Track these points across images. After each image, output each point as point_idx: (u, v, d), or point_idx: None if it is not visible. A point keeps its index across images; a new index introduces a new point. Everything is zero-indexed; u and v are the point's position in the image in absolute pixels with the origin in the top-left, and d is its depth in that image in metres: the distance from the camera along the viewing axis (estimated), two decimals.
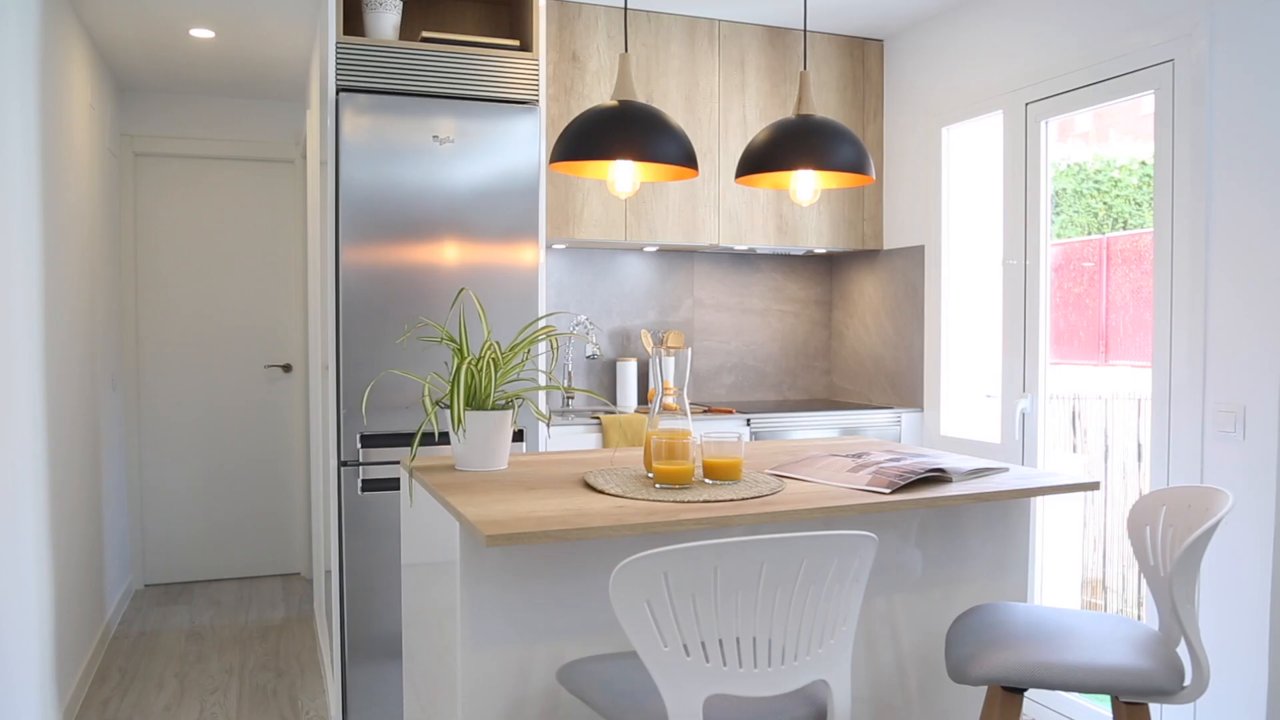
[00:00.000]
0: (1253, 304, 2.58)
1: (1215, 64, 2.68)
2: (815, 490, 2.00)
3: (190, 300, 5.06)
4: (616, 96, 2.18)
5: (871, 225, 4.08)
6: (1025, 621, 1.94)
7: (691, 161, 2.17)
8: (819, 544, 1.45)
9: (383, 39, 3.16)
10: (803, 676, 1.51)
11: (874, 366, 4.18)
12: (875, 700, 2.27)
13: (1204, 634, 2.70)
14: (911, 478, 2.01)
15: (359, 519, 3.12)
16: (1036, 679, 1.72)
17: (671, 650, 1.44)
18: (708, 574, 1.42)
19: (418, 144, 3.14)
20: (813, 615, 1.50)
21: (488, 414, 2.19)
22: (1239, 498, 2.62)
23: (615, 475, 2.12)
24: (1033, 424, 3.35)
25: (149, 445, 4.99)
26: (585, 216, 3.63)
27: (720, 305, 4.24)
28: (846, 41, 4.02)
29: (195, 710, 3.40)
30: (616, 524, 1.69)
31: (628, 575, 1.41)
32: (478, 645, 1.85)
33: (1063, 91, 3.19)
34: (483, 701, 1.86)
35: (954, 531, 2.29)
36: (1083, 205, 3.66)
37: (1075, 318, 3.65)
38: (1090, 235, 3.64)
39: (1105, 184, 3.62)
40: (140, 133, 4.90)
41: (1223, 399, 2.67)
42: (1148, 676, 1.69)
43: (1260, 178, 2.56)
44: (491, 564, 1.85)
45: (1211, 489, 1.87)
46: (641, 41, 3.70)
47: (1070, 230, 3.69)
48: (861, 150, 2.29)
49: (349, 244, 3.08)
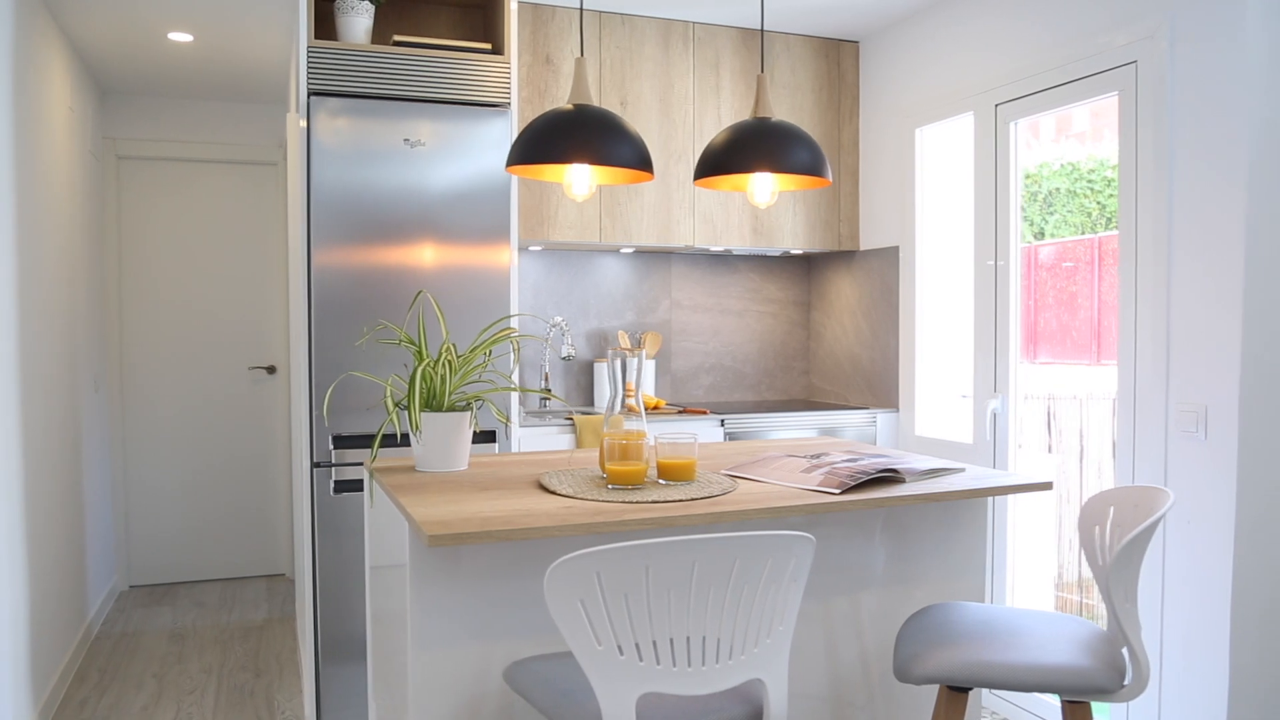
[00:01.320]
0: (1213, 305, 2.60)
1: (1175, 65, 2.69)
2: (766, 490, 2.02)
3: (175, 302, 5.08)
4: (572, 100, 2.19)
5: (848, 226, 4.10)
6: (974, 621, 1.95)
7: (646, 165, 2.19)
8: (751, 544, 1.47)
9: (354, 43, 3.18)
10: (738, 675, 1.53)
11: (851, 367, 4.19)
12: (836, 698, 2.29)
13: (1169, 630, 2.72)
14: (863, 478, 2.02)
15: (332, 520, 3.14)
16: (978, 678, 1.74)
17: (606, 649, 1.46)
18: (639, 574, 1.44)
19: (389, 147, 3.15)
20: (747, 615, 1.52)
21: (445, 415, 2.21)
22: (1201, 497, 2.63)
23: (570, 476, 2.14)
24: (1003, 424, 3.36)
25: (134, 447, 5.01)
26: (559, 219, 3.65)
27: (698, 306, 4.26)
28: (822, 43, 4.04)
29: (172, 710, 3.42)
30: (561, 524, 1.71)
31: (561, 575, 1.43)
32: (428, 645, 1.87)
33: (1031, 93, 3.20)
34: (433, 701, 1.88)
35: (915, 531, 2.30)
36: (1076, 205, 3.67)
37: (1068, 317, 3.66)
38: (1084, 235, 3.65)
39: (1099, 183, 3.63)
40: (123, 136, 4.93)
41: (1185, 399, 2.69)
42: (1087, 675, 1.70)
43: (1218, 179, 2.58)
44: (441, 564, 1.86)
45: (1156, 489, 1.89)
46: (615, 44, 3.71)
47: (1064, 230, 3.70)
48: (817, 153, 2.31)
49: (321, 246, 3.10)
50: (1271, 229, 2.52)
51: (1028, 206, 3.87)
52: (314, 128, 3.08)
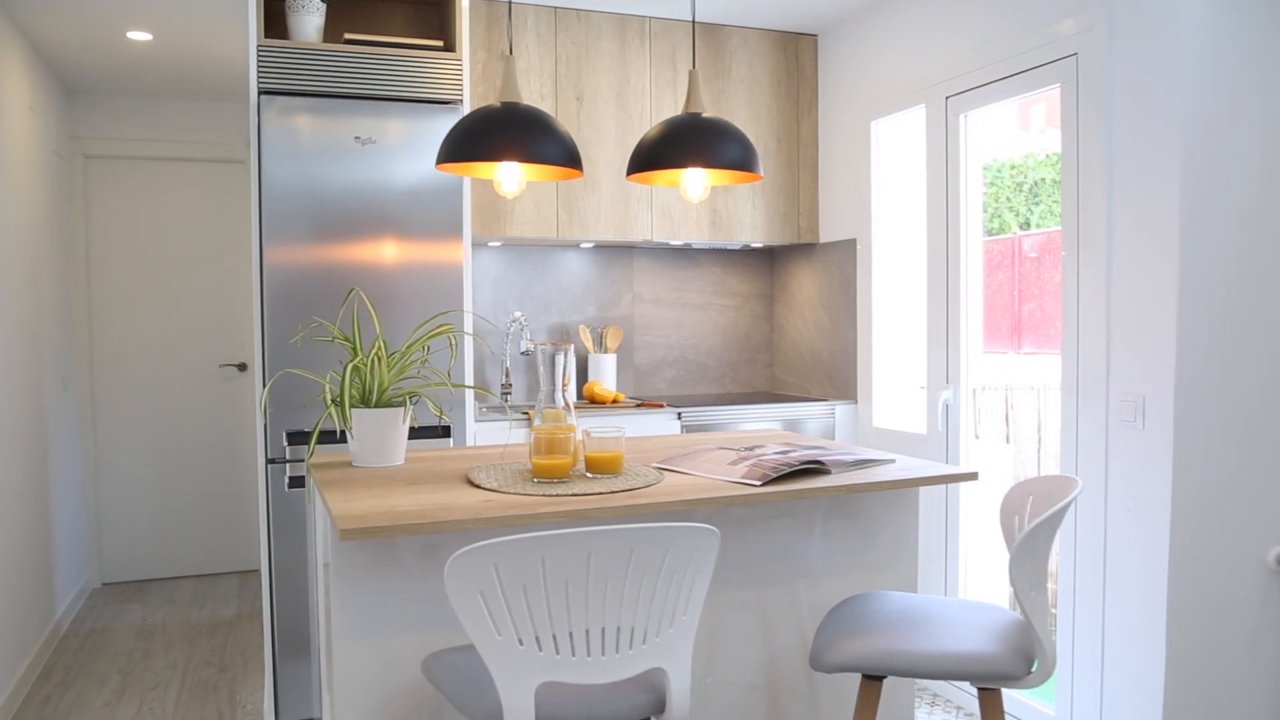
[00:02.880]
0: (1149, 296, 2.62)
1: (1114, 58, 2.71)
2: (690, 483, 2.04)
3: (145, 300, 5.09)
4: (501, 99, 2.21)
5: (807, 219, 4.12)
6: (893, 611, 1.98)
7: (575, 162, 2.20)
8: (647, 536, 1.49)
9: (305, 41, 3.19)
10: (639, 664, 1.55)
11: (812, 360, 4.22)
12: (773, 687, 2.32)
13: (1110, 616, 2.75)
14: (786, 470, 2.05)
15: (287, 516, 3.17)
16: (887, 666, 1.76)
17: (505, 639, 1.48)
18: (536, 565, 1.46)
19: (339, 145, 3.17)
20: (648, 605, 1.54)
21: (378, 411, 2.23)
22: (1140, 485, 2.66)
23: (500, 471, 2.16)
24: (955, 415, 3.39)
25: (105, 446, 5.04)
26: (516, 215, 3.67)
27: (660, 300, 4.28)
28: (780, 37, 4.05)
29: (134, 706, 3.45)
30: (473, 518, 1.74)
31: (460, 567, 1.45)
32: (351, 637, 1.89)
33: (979, 85, 3.22)
34: (357, 692, 1.90)
35: (852, 522, 2.33)
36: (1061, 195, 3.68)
37: (1052, 307, 3.68)
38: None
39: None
40: (90, 135, 4.94)
41: (1125, 389, 2.71)
42: (992, 662, 1.73)
43: (1153, 172, 2.60)
44: (363, 558, 1.89)
45: (1069, 478, 1.91)
46: (571, 40, 3.73)
47: (1049, 220, 3.72)
48: (748, 148, 2.33)
49: (273, 244, 3.12)
50: (1205, 222, 2.55)
51: (1013, 197, 3.88)
52: (264, 126, 3.09)
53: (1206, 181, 2.54)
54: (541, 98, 3.69)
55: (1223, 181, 2.55)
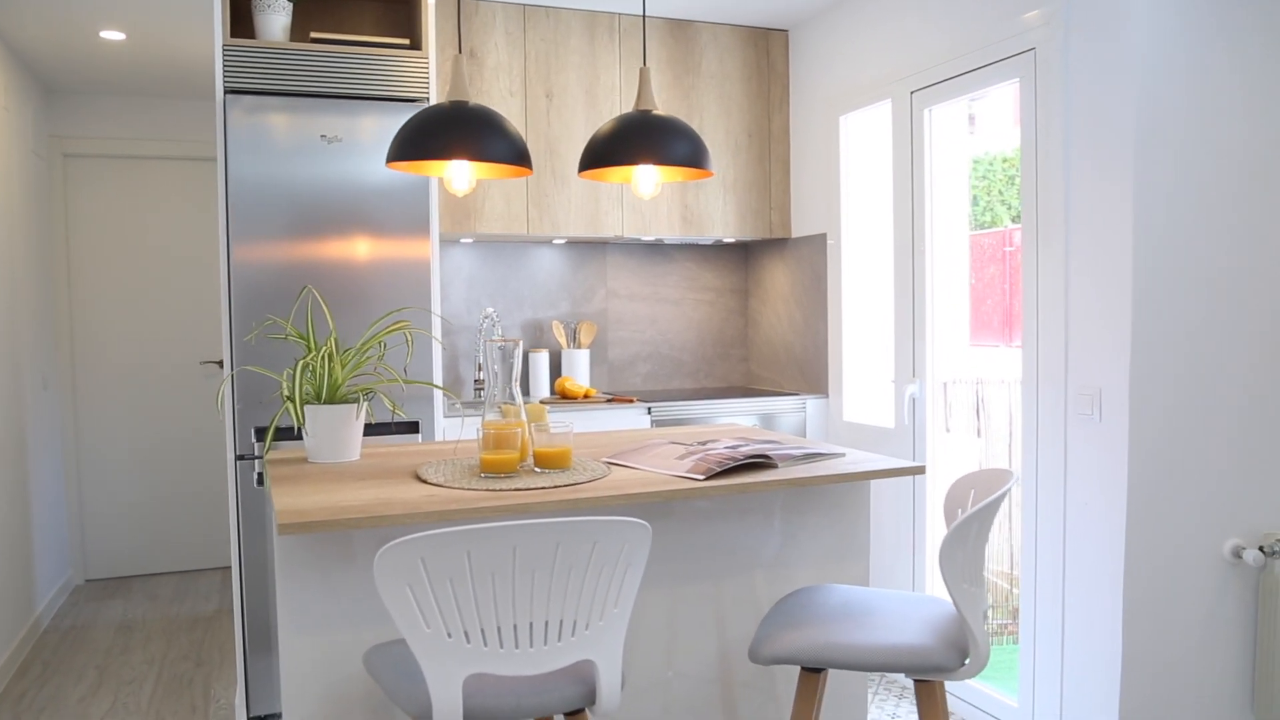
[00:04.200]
0: (1105, 290, 2.64)
1: (1070, 52, 2.72)
2: (636, 477, 2.06)
3: (126, 298, 5.12)
4: (450, 97, 2.23)
5: (779, 214, 4.13)
6: (836, 603, 2.00)
7: (523, 160, 2.22)
8: (572, 530, 1.51)
9: (272, 40, 3.21)
10: (567, 657, 1.58)
11: (785, 354, 4.23)
12: (726, 679, 2.34)
13: (1068, 609, 2.77)
14: (730, 464, 2.07)
15: (257, 512, 3.19)
16: (820, 658, 1.78)
17: (434, 631, 1.50)
18: (461, 558, 1.48)
19: (305, 144, 3.19)
20: (576, 598, 1.56)
21: (331, 408, 2.25)
22: (1097, 477, 2.68)
23: (449, 466, 2.19)
24: (921, 409, 3.41)
25: (87, 443, 5.06)
26: (487, 211, 3.68)
27: (634, 295, 4.30)
28: (750, 32, 4.06)
29: (109, 701, 3.48)
30: (411, 512, 1.76)
31: (388, 560, 1.47)
32: (297, 631, 1.91)
33: (942, 80, 3.23)
34: (304, 685, 1.93)
35: (807, 515, 2.35)
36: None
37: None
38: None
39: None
40: (69, 134, 4.96)
41: (1082, 382, 2.73)
42: (925, 654, 1.75)
43: (1108, 167, 2.61)
44: (306, 554, 1.91)
45: (1006, 471, 1.93)
46: (540, 37, 3.74)
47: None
48: (698, 145, 2.34)
49: (239, 243, 3.14)
50: (1157, 216, 2.56)
51: (1005, 190, 3.89)
52: (230, 126, 3.11)
53: (1159, 176, 2.56)
54: (510, 95, 3.70)
55: (1176, 175, 2.57)
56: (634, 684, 2.24)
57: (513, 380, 2.17)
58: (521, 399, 2.18)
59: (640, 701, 2.25)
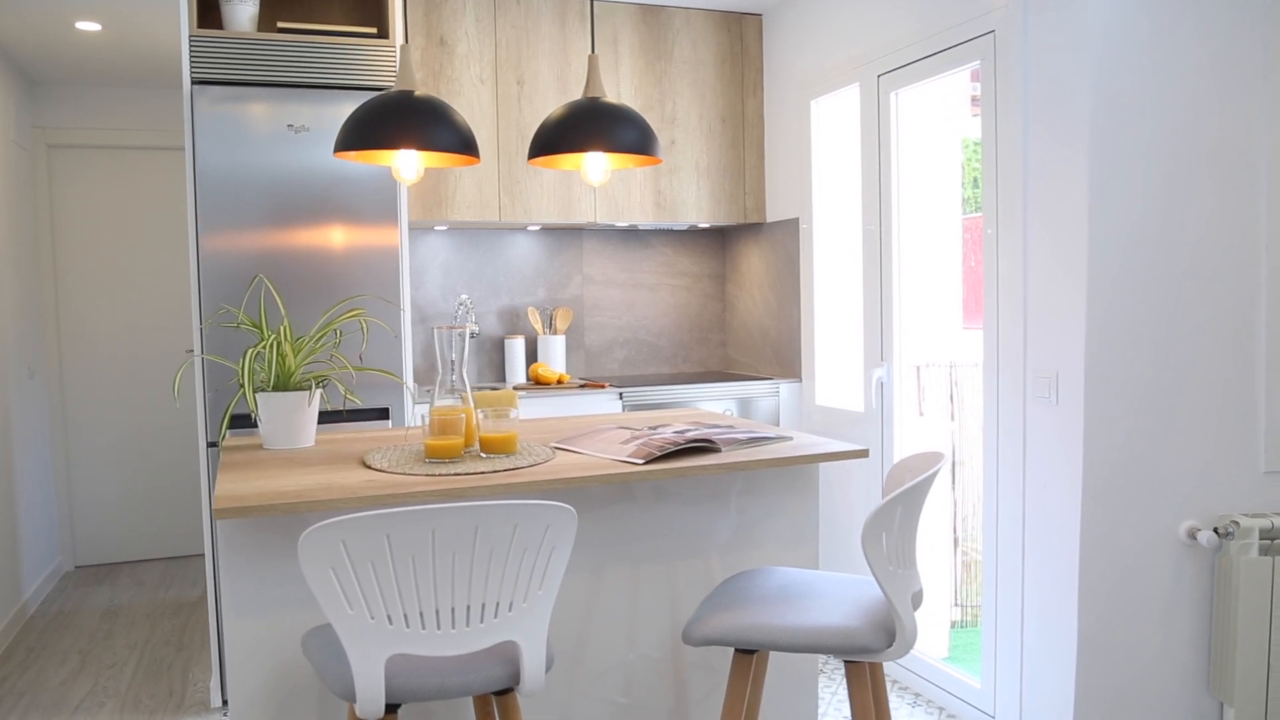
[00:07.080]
0: (1061, 274, 2.64)
1: (1028, 35, 2.72)
2: (578, 461, 2.08)
3: (111, 288, 5.16)
4: (398, 87, 2.24)
5: (754, 199, 4.14)
6: (774, 586, 2.02)
7: (470, 149, 2.24)
8: (489, 513, 1.54)
9: (240, 30, 3.22)
10: (490, 638, 1.60)
11: (761, 339, 4.25)
12: (677, 659, 2.36)
13: (1027, 586, 2.78)
14: (671, 449, 2.09)
15: None
16: (749, 640, 1.81)
17: (357, 613, 1.53)
18: (381, 541, 1.51)
19: (273, 133, 3.21)
20: (498, 581, 1.59)
21: (283, 395, 2.28)
22: (1053, 460, 2.69)
23: (395, 452, 2.21)
24: (889, 392, 3.42)
25: (75, 431, 5.12)
26: (459, 198, 3.70)
27: (610, 281, 4.31)
28: (724, 17, 4.06)
29: (89, 684, 3.53)
30: (346, 497, 1.78)
31: (312, 543, 1.50)
32: (239, 615, 1.95)
33: (907, 63, 3.23)
34: (247, 668, 1.96)
35: (758, 497, 2.38)
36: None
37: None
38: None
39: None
40: (53, 125, 4.99)
41: (1040, 365, 2.74)
42: (852, 636, 1.77)
43: (1064, 151, 2.61)
44: (248, 538, 1.94)
45: (938, 454, 1.95)
46: (511, 24, 3.75)
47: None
48: (647, 132, 2.35)
49: (208, 232, 3.17)
50: (1113, 197, 2.56)
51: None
52: (198, 116, 3.13)
53: (1113, 161, 2.56)
54: (481, 82, 3.72)
55: (1134, 155, 2.57)
56: (595, 665, 2.27)
57: (462, 366, 2.19)
58: (468, 385, 2.20)
59: (601, 683, 2.28)
